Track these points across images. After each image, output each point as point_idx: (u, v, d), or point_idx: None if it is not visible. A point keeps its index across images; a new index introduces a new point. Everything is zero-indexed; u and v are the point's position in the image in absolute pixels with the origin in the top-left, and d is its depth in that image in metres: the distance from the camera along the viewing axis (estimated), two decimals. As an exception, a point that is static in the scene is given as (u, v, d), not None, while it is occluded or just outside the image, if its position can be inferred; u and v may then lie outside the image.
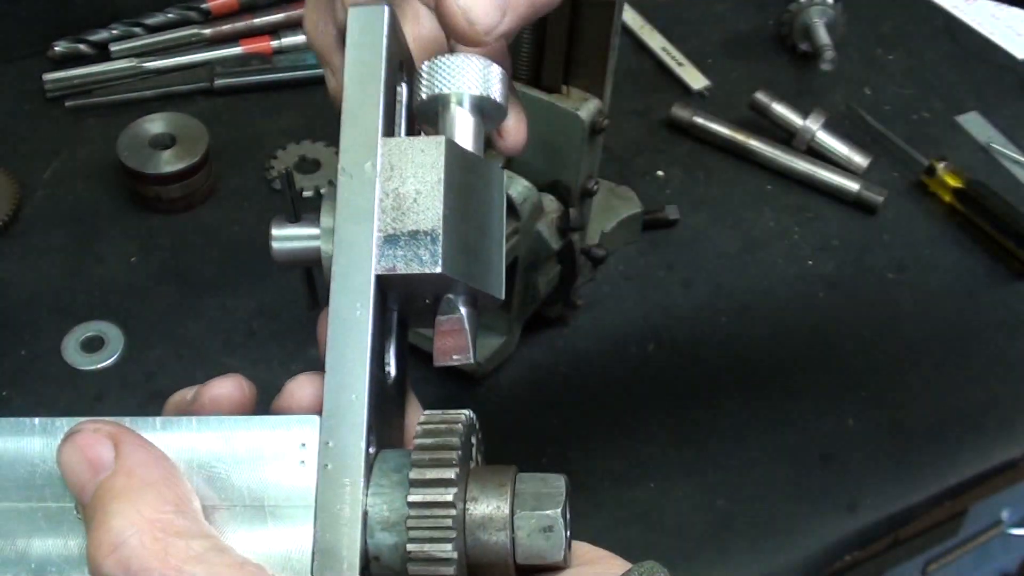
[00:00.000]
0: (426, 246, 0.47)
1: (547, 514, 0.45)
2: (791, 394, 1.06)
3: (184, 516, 0.43)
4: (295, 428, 0.46)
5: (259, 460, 0.46)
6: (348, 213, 0.48)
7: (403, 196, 0.48)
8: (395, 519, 0.45)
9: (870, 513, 1.00)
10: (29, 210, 1.16)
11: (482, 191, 0.52)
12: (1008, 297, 1.16)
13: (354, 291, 0.47)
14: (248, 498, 0.46)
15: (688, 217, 1.19)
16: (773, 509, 0.99)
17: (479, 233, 0.51)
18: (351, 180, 0.49)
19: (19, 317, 1.07)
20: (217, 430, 0.47)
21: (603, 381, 1.06)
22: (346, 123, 0.50)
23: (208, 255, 1.13)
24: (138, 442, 0.45)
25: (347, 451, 0.45)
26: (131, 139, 1.15)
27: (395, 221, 0.48)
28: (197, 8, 1.32)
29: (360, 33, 0.50)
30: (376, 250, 0.48)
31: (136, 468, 0.44)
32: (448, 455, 0.45)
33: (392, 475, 0.46)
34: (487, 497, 0.46)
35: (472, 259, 0.50)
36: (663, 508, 0.98)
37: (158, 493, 0.43)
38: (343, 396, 0.46)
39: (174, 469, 0.45)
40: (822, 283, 1.16)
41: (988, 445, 1.05)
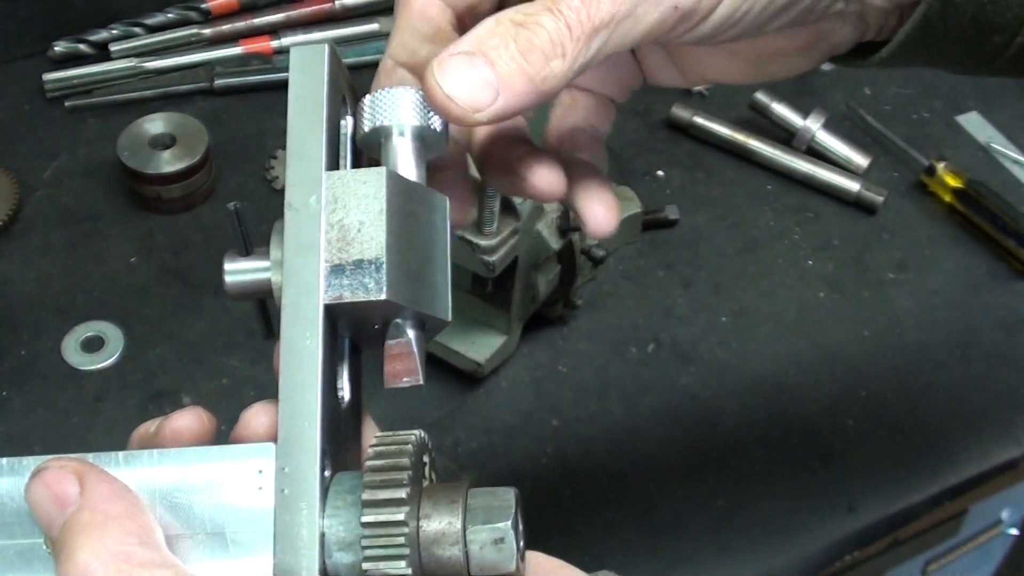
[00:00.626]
0: (371, 274, 0.49)
1: (498, 527, 0.47)
2: (791, 394, 1.06)
3: (147, 547, 0.45)
4: (252, 456, 0.48)
5: (218, 488, 0.48)
6: (295, 246, 0.50)
7: (347, 227, 0.50)
8: (351, 539, 0.46)
9: (870, 513, 1.00)
10: (29, 210, 1.16)
11: (425, 218, 0.53)
12: (1008, 297, 1.16)
13: (304, 321, 0.49)
14: (209, 526, 0.48)
15: (688, 217, 1.19)
16: (773, 509, 0.99)
17: (424, 259, 0.53)
18: (297, 214, 0.51)
19: (19, 317, 1.07)
20: (177, 462, 0.49)
21: (603, 381, 1.06)
22: (291, 159, 0.52)
23: (208, 255, 1.13)
24: (102, 477, 0.47)
25: (302, 476, 0.47)
26: (131, 139, 1.15)
27: (340, 251, 0.50)
28: (197, 8, 1.32)
29: (301, 71, 0.53)
30: (323, 280, 0.49)
31: (100, 503, 0.46)
32: (398, 475, 0.47)
33: (347, 496, 0.47)
34: (439, 514, 0.47)
35: (417, 284, 0.52)
36: (663, 508, 0.98)
37: (121, 526, 0.45)
38: (296, 423, 0.48)
39: (137, 502, 0.47)
40: (822, 283, 1.16)
41: (988, 445, 1.05)
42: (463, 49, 0.50)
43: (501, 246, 0.93)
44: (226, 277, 0.55)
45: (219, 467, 0.48)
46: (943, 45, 0.54)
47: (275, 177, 1.20)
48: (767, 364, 1.08)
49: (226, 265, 0.55)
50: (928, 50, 0.55)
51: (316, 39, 1.32)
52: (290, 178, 0.51)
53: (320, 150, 0.51)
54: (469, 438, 1.00)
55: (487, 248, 0.93)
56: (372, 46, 1.33)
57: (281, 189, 1.18)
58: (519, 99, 0.50)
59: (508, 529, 0.47)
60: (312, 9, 1.35)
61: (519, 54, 0.50)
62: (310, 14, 1.35)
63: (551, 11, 0.50)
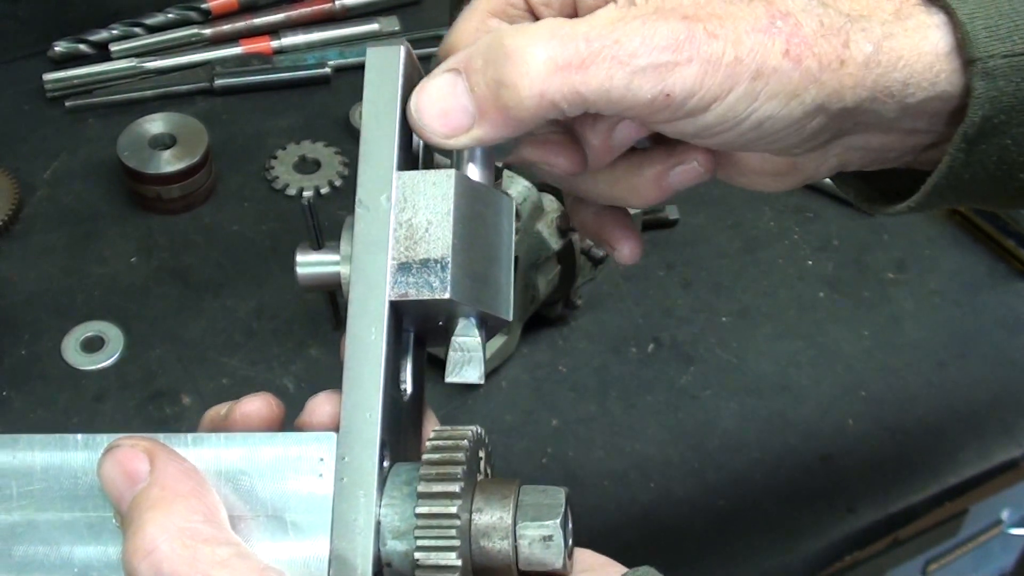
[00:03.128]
0: (436, 273, 0.51)
1: (546, 524, 0.49)
2: (791, 394, 1.06)
3: (211, 525, 0.47)
4: (314, 444, 0.50)
5: (281, 473, 0.50)
6: (365, 243, 0.52)
7: (415, 226, 0.52)
8: (405, 528, 0.48)
9: (870, 513, 1.00)
10: (29, 210, 1.16)
11: (491, 219, 0.55)
12: (1008, 297, 1.16)
13: (370, 316, 0.51)
14: (271, 508, 0.50)
15: (688, 217, 1.19)
16: (773, 509, 0.99)
17: (488, 259, 0.54)
18: (368, 212, 0.52)
19: (19, 317, 1.07)
20: (243, 446, 0.51)
21: (603, 381, 1.06)
22: (363, 158, 0.53)
23: (208, 255, 1.13)
24: (171, 457, 0.49)
25: (361, 466, 0.49)
26: (131, 139, 1.15)
27: (408, 250, 0.51)
28: (197, 8, 1.32)
29: (376, 72, 0.54)
30: (390, 277, 0.51)
31: (169, 481, 0.48)
32: (453, 470, 0.48)
33: (403, 487, 0.49)
34: (491, 508, 0.49)
35: (480, 284, 0.53)
36: (663, 508, 0.98)
37: (188, 504, 0.47)
38: (358, 414, 0.50)
39: (203, 481, 0.49)
40: (822, 283, 1.16)
41: (988, 445, 1.05)
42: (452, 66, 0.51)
43: (501, 246, 0.93)
44: (297, 269, 0.56)
45: (282, 452, 0.50)
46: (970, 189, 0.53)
47: (275, 177, 1.20)
48: (767, 364, 1.08)
49: (298, 257, 0.56)
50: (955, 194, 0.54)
51: (316, 39, 1.33)
52: (362, 176, 0.53)
53: (392, 151, 0.53)
54: (469, 438, 1.00)
55: (487, 248, 0.93)
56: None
57: (281, 189, 1.18)
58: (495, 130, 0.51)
59: (557, 527, 0.49)
60: (312, 9, 1.35)
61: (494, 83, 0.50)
62: (310, 14, 1.35)
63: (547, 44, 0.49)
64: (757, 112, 0.50)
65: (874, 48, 0.50)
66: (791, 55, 0.49)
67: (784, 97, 0.50)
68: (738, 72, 0.49)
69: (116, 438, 0.50)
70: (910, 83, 0.50)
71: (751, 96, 0.49)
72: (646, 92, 0.49)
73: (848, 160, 0.56)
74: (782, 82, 0.49)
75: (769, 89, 0.49)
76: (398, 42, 0.54)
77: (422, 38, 1.33)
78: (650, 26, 0.49)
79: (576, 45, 0.49)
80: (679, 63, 0.48)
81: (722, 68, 0.49)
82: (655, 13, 0.49)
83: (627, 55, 0.48)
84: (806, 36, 0.49)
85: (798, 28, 0.49)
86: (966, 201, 0.56)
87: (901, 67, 0.50)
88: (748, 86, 0.49)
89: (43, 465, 0.51)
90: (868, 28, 0.50)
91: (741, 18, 0.49)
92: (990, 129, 0.50)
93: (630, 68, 0.48)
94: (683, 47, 0.48)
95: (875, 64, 0.50)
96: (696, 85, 0.49)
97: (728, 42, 0.49)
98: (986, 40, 0.49)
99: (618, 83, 0.49)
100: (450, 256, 0.51)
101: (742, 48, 0.49)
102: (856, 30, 0.50)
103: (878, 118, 0.52)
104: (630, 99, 0.49)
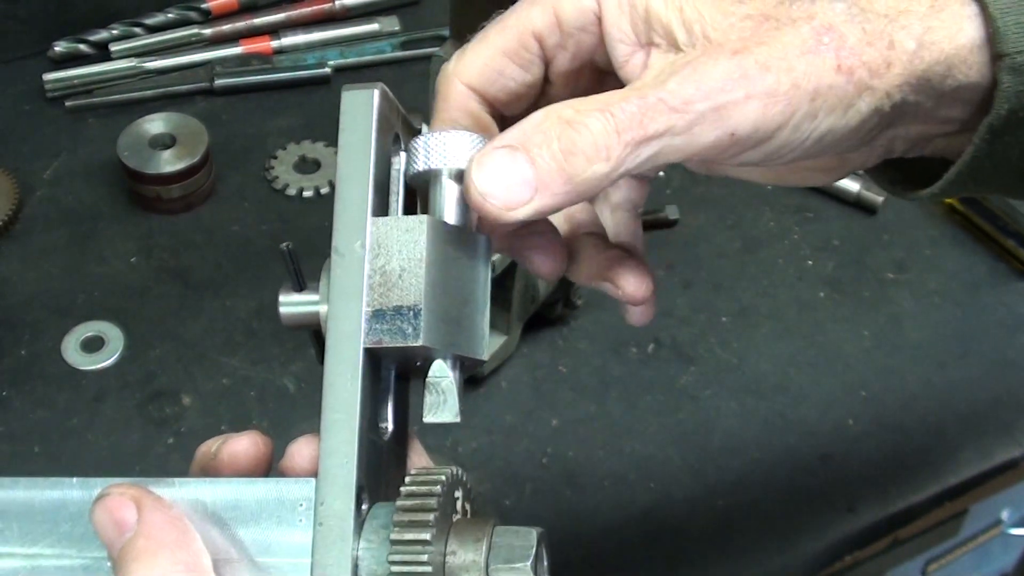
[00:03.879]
0: (409, 320, 0.52)
1: (517, 567, 0.50)
2: (791, 394, 1.06)
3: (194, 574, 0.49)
4: (294, 489, 0.52)
5: (264, 518, 0.52)
6: (339, 290, 0.53)
7: (389, 273, 0.52)
8: (382, 572, 0.50)
9: (870, 513, 1.00)
10: (29, 210, 1.16)
11: (465, 261, 0.56)
12: (1008, 297, 1.16)
13: (345, 363, 0.52)
14: (254, 552, 0.51)
15: (688, 217, 1.19)
16: (773, 509, 0.99)
17: (462, 301, 0.55)
18: (343, 259, 0.53)
19: (19, 317, 1.07)
20: (228, 489, 0.52)
21: (603, 381, 1.06)
22: (339, 204, 0.53)
23: (208, 255, 1.13)
24: (156, 505, 0.51)
25: (338, 511, 0.50)
26: (131, 139, 1.15)
27: (382, 297, 0.52)
28: (197, 8, 1.32)
29: (351, 117, 0.55)
30: (365, 324, 0.52)
31: (154, 531, 0.49)
32: (424, 516, 0.50)
33: (380, 531, 0.51)
34: (464, 550, 0.50)
35: (455, 327, 0.54)
36: (663, 508, 0.98)
37: (172, 554, 0.49)
38: (335, 460, 0.51)
39: (188, 530, 0.51)
40: (822, 283, 1.16)
41: (988, 445, 1.05)
42: (506, 143, 0.50)
43: (501, 246, 0.93)
44: (281, 309, 0.58)
45: (264, 497, 0.52)
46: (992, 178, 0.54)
47: (275, 177, 1.20)
48: (767, 364, 1.08)
49: (281, 298, 0.58)
50: (976, 183, 0.54)
51: (316, 39, 1.33)
52: (337, 223, 0.53)
53: (366, 196, 0.53)
54: (469, 438, 1.00)
55: (487, 248, 0.93)
56: (372, 46, 1.33)
57: (281, 189, 1.18)
58: (556, 199, 0.50)
59: (527, 569, 0.49)
60: (312, 9, 1.35)
61: (560, 154, 0.49)
62: (310, 14, 1.35)
63: (602, 112, 0.49)
64: (819, 128, 0.51)
65: (917, 44, 0.50)
66: (843, 69, 0.49)
67: (841, 109, 0.50)
68: (797, 98, 0.49)
69: (108, 484, 0.52)
70: (948, 74, 0.51)
71: (811, 116, 0.50)
72: (709, 136, 0.49)
73: (891, 150, 0.56)
74: (838, 96, 0.50)
75: (828, 105, 0.50)
76: (373, 85, 0.55)
77: (422, 38, 1.33)
78: (700, 71, 0.49)
79: (631, 105, 0.49)
80: (737, 102, 0.49)
81: (781, 98, 0.49)
82: (703, 55, 0.50)
83: (683, 103, 0.49)
84: (853, 47, 0.50)
85: (844, 40, 0.50)
86: (987, 190, 0.56)
87: (942, 59, 0.51)
88: (808, 108, 0.50)
89: (42, 507, 0.53)
90: (908, 25, 0.50)
91: (788, 43, 0.49)
92: (1015, 122, 0.51)
93: (689, 116, 0.49)
94: (738, 85, 0.49)
95: (919, 60, 0.50)
96: (758, 119, 0.49)
97: (782, 71, 0.49)
98: (1016, 36, 0.50)
99: (679, 131, 0.49)
100: (423, 303, 0.52)
101: (796, 74, 0.49)
102: (897, 29, 0.50)
103: (920, 109, 0.52)
104: (695, 145, 0.49)
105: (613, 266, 0.62)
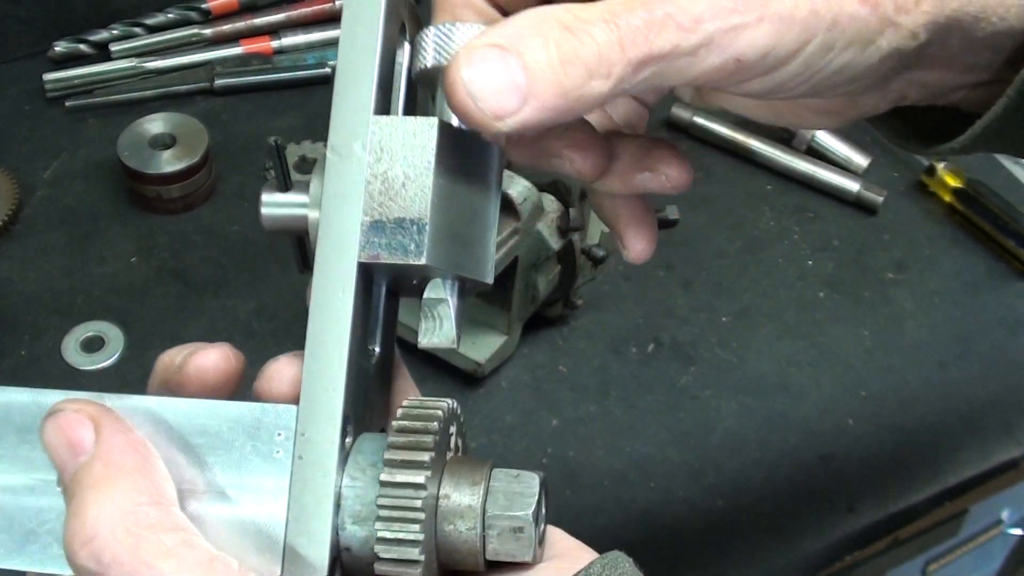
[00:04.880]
0: (411, 236, 0.47)
1: (517, 516, 0.46)
2: (791, 394, 1.06)
3: (157, 507, 0.43)
4: (272, 417, 0.47)
5: (237, 447, 0.46)
6: (335, 195, 0.47)
7: (391, 180, 0.47)
8: (366, 514, 0.45)
9: (870, 513, 1.00)
10: (29, 210, 1.16)
11: (476, 173, 0.51)
12: (1008, 296, 1.16)
13: (337, 278, 0.47)
14: (224, 485, 0.46)
15: (688, 217, 1.19)
16: (773, 509, 0.99)
17: (470, 218, 0.50)
18: (340, 160, 0.47)
19: (19, 317, 1.07)
20: (197, 414, 0.47)
21: (603, 381, 1.06)
22: (338, 98, 0.48)
23: (208, 255, 1.13)
24: (118, 426, 0.46)
25: (321, 444, 0.45)
26: (131, 139, 1.15)
27: (382, 207, 0.47)
28: (197, 8, 1.32)
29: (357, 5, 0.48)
30: (361, 236, 0.47)
31: (114, 455, 0.44)
32: (424, 439, 0.45)
33: (367, 468, 0.46)
34: (460, 492, 0.46)
35: (460, 246, 0.49)
36: (663, 508, 0.98)
37: (133, 483, 0.44)
38: (320, 386, 0.46)
39: (151, 455, 0.45)
40: (822, 283, 1.16)
41: (988, 445, 1.05)
42: (496, 41, 0.44)
43: (501, 246, 0.93)
44: (263, 210, 0.52)
45: (239, 424, 0.47)
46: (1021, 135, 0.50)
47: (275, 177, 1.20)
48: (767, 364, 1.08)
49: (263, 197, 0.52)
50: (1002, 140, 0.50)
51: (316, 39, 1.33)
52: (335, 120, 0.48)
53: (370, 92, 0.47)
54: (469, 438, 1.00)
55: (487, 248, 0.93)
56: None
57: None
58: (544, 114, 0.44)
59: (528, 519, 0.46)
60: (312, 9, 1.35)
61: (559, 62, 0.44)
62: (310, 14, 1.35)
63: (607, 23, 0.44)
64: (834, 63, 0.46)
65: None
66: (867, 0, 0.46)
67: (861, 44, 0.46)
68: (814, 25, 0.45)
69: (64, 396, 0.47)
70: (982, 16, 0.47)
71: (827, 47, 0.46)
72: (715, 60, 0.45)
73: (905, 96, 0.52)
74: (859, 29, 0.46)
75: (846, 38, 0.46)
76: None
77: (422, 38, 1.33)
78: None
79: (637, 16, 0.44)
80: (748, 24, 0.44)
81: (797, 24, 0.45)
82: None
83: (692, 21, 0.44)
84: None
85: None
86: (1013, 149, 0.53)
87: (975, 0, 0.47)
88: (824, 38, 0.45)
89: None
90: None
91: None
92: None
93: (697, 37, 0.44)
94: (751, 6, 0.44)
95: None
96: (769, 45, 0.45)
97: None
98: None
99: (684, 52, 0.44)
100: (428, 217, 0.46)
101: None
102: None
103: (945, 53, 0.49)
104: (698, 68, 0.45)
105: (652, 152, 0.56)
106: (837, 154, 1.26)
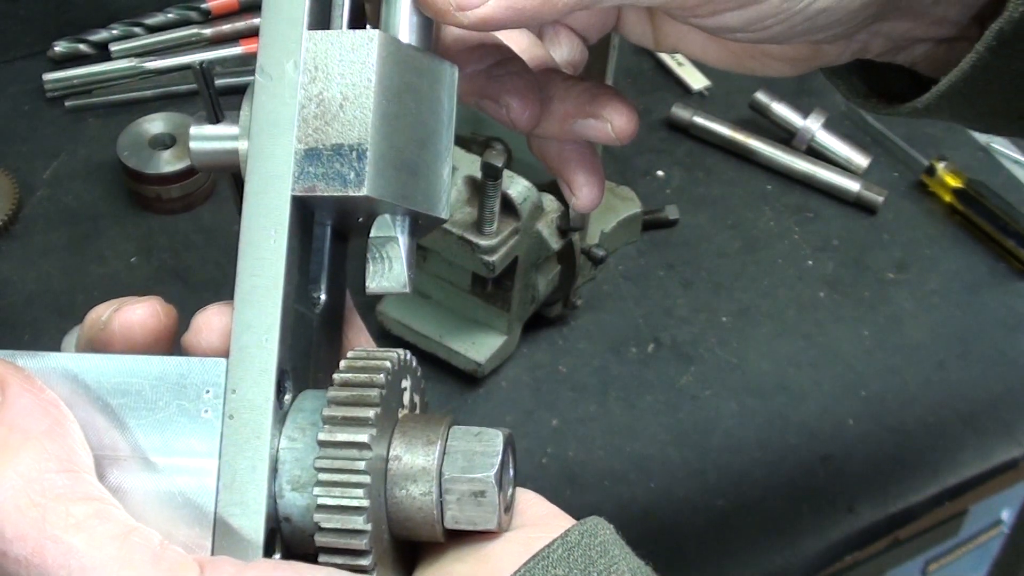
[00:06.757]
0: (351, 163, 0.42)
1: (478, 478, 0.40)
2: (791, 394, 1.06)
3: (67, 475, 0.39)
4: (199, 372, 0.42)
5: (161, 407, 0.42)
6: (264, 122, 0.43)
7: (328, 102, 0.42)
8: (306, 479, 0.40)
9: (870, 513, 1.00)
10: (29, 210, 1.16)
11: (426, 94, 0.45)
12: (1008, 297, 1.16)
13: (268, 214, 0.42)
14: (148, 449, 0.41)
15: (688, 217, 1.19)
16: (773, 509, 0.99)
17: (419, 144, 0.44)
18: (270, 81, 0.43)
19: (19, 317, 1.07)
20: (117, 371, 0.42)
21: (603, 381, 1.06)
22: (267, 12, 0.43)
23: (208, 255, 1.13)
24: (26, 387, 0.41)
25: (254, 401, 0.41)
26: (131, 139, 1.15)
27: (317, 132, 0.42)
28: (197, 8, 1.32)
29: None
30: (295, 167, 0.42)
31: (19, 418, 0.40)
32: (369, 393, 0.40)
33: (308, 428, 0.41)
34: (412, 452, 0.41)
35: (408, 176, 0.44)
36: (663, 508, 0.98)
37: (41, 448, 0.39)
38: (252, 338, 0.42)
39: (63, 418, 0.41)
40: (822, 283, 1.16)
41: (988, 445, 1.05)
42: None
43: (501, 246, 0.93)
44: (191, 144, 0.47)
45: (163, 382, 0.42)
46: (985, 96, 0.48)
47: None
48: (767, 364, 1.08)
49: (192, 131, 0.47)
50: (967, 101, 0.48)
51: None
52: (264, 37, 0.43)
53: (303, 4, 0.43)
54: (469, 438, 1.00)
55: (487, 248, 0.93)
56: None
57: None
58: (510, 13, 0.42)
59: (490, 481, 0.40)
60: (312, 9, 1.35)
61: None
62: (310, 14, 1.34)
63: None
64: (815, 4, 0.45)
65: None
66: None
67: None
68: None
69: None
70: None
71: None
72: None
73: (867, 47, 0.51)
74: None
75: None
76: None
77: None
78: None
79: None
80: None
81: None
82: None
83: None
84: None
85: None
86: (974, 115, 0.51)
87: None
88: None
89: None
90: None
91: None
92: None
93: None
94: None
95: None
96: None
97: None
98: None
99: None
100: (369, 142, 0.42)
101: None
102: None
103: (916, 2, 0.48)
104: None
105: (594, 99, 0.53)
106: (837, 154, 1.26)
